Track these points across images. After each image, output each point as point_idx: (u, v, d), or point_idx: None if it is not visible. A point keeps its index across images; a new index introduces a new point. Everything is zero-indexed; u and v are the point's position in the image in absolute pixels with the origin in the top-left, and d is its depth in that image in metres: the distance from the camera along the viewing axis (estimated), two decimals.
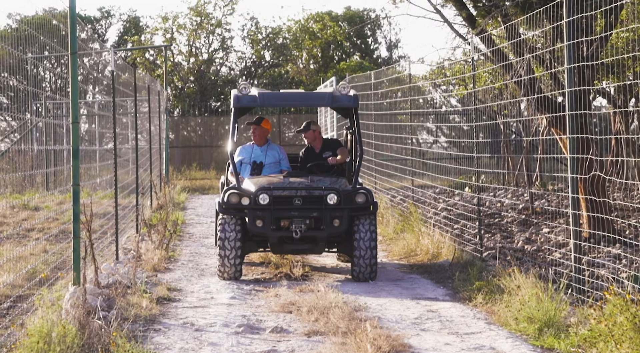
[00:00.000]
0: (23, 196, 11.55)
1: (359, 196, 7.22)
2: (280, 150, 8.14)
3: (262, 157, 8.02)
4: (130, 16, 29.92)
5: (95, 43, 13.52)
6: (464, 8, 8.84)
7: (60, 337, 4.68)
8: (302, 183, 7.27)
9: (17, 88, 7.70)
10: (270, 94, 7.84)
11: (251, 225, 7.15)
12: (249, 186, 7.33)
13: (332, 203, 7.10)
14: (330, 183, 7.31)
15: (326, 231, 7.11)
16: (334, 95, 7.57)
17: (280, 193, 7.15)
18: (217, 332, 5.44)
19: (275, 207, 7.10)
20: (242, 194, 7.19)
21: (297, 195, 7.14)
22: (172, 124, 23.37)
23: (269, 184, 7.24)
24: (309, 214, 7.09)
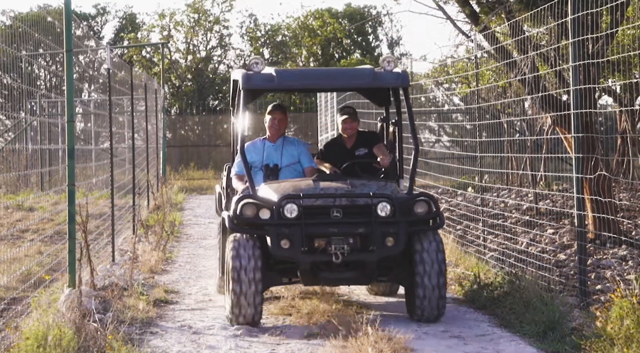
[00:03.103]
0: (17, 196, 11.46)
1: (419, 205, 5.40)
2: (299, 144, 6.23)
3: (277, 157, 6.10)
4: (127, 13, 29.82)
5: (90, 40, 13.44)
6: (467, 5, 8.74)
7: (56, 340, 4.64)
8: (341, 188, 5.40)
9: (11, 86, 7.60)
10: (291, 73, 6.32)
11: (274, 247, 5.23)
12: (269, 194, 5.42)
13: (383, 214, 5.26)
14: (379, 187, 5.48)
15: (377, 253, 5.24)
16: (376, 72, 5.70)
17: (312, 202, 5.29)
18: (215, 335, 5.40)
19: (306, 221, 5.21)
20: (260, 205, 5.28)
21: (335, 205, 5.28)
22: (169, 123, 23.27)
23: (295, 191, 5.38)
24: (353, 231, 5.23)
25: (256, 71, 5.64)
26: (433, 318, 5.42)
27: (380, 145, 6.17)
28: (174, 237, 10.11)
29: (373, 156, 6.09)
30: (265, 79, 5.65)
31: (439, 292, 5.32)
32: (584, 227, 5.80)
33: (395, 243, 5.29)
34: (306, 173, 6.08)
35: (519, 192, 12.06)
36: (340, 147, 6.25)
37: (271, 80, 5.63)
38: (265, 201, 5.35)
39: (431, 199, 5.50)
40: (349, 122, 6.18)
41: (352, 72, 6.03)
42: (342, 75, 6.10)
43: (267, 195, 5.45)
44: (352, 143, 6.22)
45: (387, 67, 5.69)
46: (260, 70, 5.64)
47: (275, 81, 5.63)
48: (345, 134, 6.23)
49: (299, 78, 6.05)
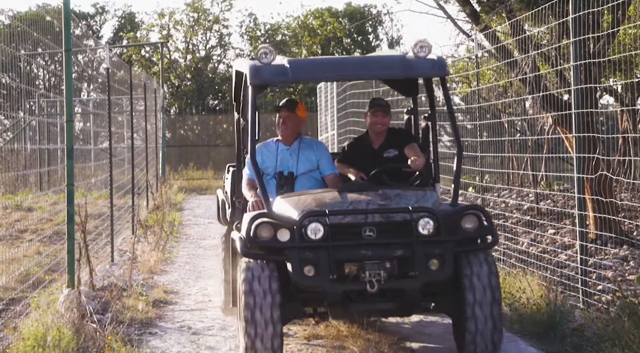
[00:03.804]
0: (16, 196, 11.42)
1: (467, 219, 4.47)
2: (318, 147, 5.31)
3: (293, 163, 5.17)
4: (126, 12, 29.81)
5: (89, 40, 13.41)
6: (468, 4, 8.72)
7: (55, 340, 4.64)
8: (374, 201, 4.50)
9: (10, 86, 7.56)
10: (307, 64, 5.12)
11: (296, 275, 4.33)
12: (288, 210, 4.50)
13: (426, 232, 4.35)
14: (418, 199, 4.56)
15: (419, 279, 4.34)
16: (408, 59, 4.72)
17: (340, 219, 4.38)
18: (215, 336, 5.38)
19: (334, 243, 4.31)
20: (278, 225, 4.37)
21: (368, 222, 4.37)
22: (168, 122, 23.25)
23: (320, 206, 4.47)
24: (390, 253, 4.35)
25: (266, 62, 4.61)
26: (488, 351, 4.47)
27: (413, 145, 5.20)
28: (174, 237, 10.09)
29: (403, 158, 5.13)
30: (277, 71, 4.62)
31: (494, 324, 4.39)
32: (585, 227, 5.77)
33: (441, 267, 4.34)
34: (327, 182, 5.15)
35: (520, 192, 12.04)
36: (366, 147, 5.30)
37: (284, 72, 4.61)
38: (284, 220, 4.39)
39: (482, 212, 4.51)
40: (379, 116, 5.23)
41: (379, 61, 5.02)
42: (368, 64, 4.96)
43: (286, 212, 4.50)
44: (381, 142, 5.29)
45: (420, 53, 4.69)
46: (271, 61, 4.62)
47: (289, 74, 4.61)
48: (374, 130, 5.27)
49: (317, 69, 4.91)
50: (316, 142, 5.43)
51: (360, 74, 5.15)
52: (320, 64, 5.03)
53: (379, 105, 5.32)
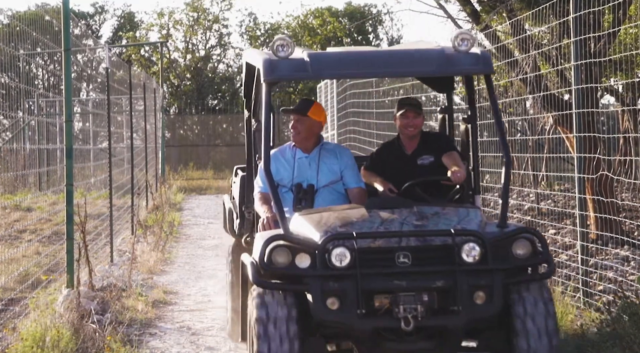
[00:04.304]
0: (15, 196, 11.40)
1: (519, 244, 3.79)
2: (341, 154, 4.55)
3: (312, 173, 4.44)
4: (125, 12, 29.77)
5: (89, 39, 13.39)
6: (468, 3, 8.71)
7: (54, 341, 4.65)
8: (407, 220, 3.87)
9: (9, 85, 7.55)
10: (330, 58, 4.20)
11: (318, 308, 3.67)
12: (308, 231, 3.84)
13: (471, 260, 3.69)
14: (460, 219, 3.90)
15: (463, 315, 3.65)
16: (448, 54, 4.05)
17: (370, 242, 3.73)
18: (215, 336, 5.39)
19: (363, 271, 3.66)
20: (297, 249, 3.73)
21: (402, 246, 3.71)
22: (168, 122, 23.23)
23: (345, 226, 3.83)
24: (429, 284, 3.67)
25: (282, 56, 3.93)
26: None
27: (453, 153, 4.44)
28: (173, 237, 10.07)
29: (440, 165, 4.42)
30: (295, 66, 3.97)
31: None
32: (585, 227, 5.76)
33: (488, 301, 3.66)
34: (353, 196, 4.42)
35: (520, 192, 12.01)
36: (397, 153, 4.57)
37: (303, 68, 3.97)
38: (304, 243, 3.72)
39: (536, 236, 3.82)
40: (410, 117, 4.48)
41: (415, 55, 4.22)
42: (402, 59, 4.18)
43: (305, 233, 3.80)
44: (414, 147, 4.55)
45: (461, 47, 4.01)
46: (288, 54, 3.94)
47: (309, 69, 3.97)
48: (405, 134, 4.53)
49: (342, 65, 4.13)
50: (340, 149, 4.62)
51: (393, 70, 4.36)
52: (345, 58, 4.16)
53: (409, 104, 4.54)
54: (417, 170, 4.47)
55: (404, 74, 5.25)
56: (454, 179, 4.29)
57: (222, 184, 18.32)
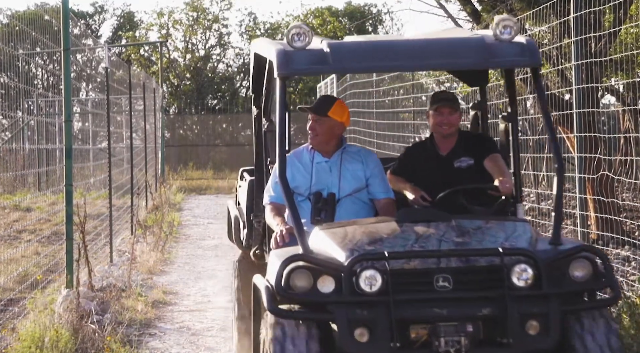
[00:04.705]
0: (14, 196, 11.39)
1: (578, 265, 3.22)
2: (367, 158, 3.96)
3: (334, 180, 3.87)
4: (125, 11, 29.74)
5: (88, 39, 13.39)
6: (469, 3, 8.70)
7: (53, 341, 4.64)
8: (447, 236, 3.29)
9: (8, 85, 7.54)
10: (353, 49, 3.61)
11: (345, 339, 3.15)
12: (330, 248, 3.29)
13: (522, 283, 3.14)
14: (508, 235, 3.33)
15: (514, 347, 3.13)
16: (489, 44, 3.45)
17: (404, 263, 3.17)
18: (214, 337, 5.38)
19: (397, 297, 3.12)
20: (319, 271, 3.18)
21: (441, 268, 3.17)
22: (168, 122, 23.21)
23: (374, 243, 3.28)
24: (474, 313, 3.15)
25: (299, 46, 3.38)
26: None
27: (496, 157, 3.87)
28: (173, 238, 10.06)
29: (480, 168, 3.87)
30: (314, 58, 3.42)
31: None
32: (586, 228, 5.75)
33: (543, 331, 3.12)
34: (380, 208, 3.86)
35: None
36: (430, 155, 3.98)
37: (323, 60, 3.42)
38: (327, 264, 3.16)
39: (597, 255, 3.27)
40: (445, 112, 3.91)
41: (452, 45, 3.59)
42: (438, 50, 3.54)
43: (328, 251, 3.24)
44: (450, 147, 3.97)
45: (503, 35, 3.41)
46: (305, 44, 3.39)
47: (330, 62, 3.41)
48: (439, 133, 3.96)
49: (368, 56, 3.51)
50: (365, 153, 4.01)
51: (427, 63, 3.65)
52: (372, 49, 3.53)
53: (445, 99, 3.96)
54: (454, 174, 3.87)
55: (440, 67, 4.35)
56: (503, 190, 3.67)
57: (221, 185, 18.30)
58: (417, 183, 3.92)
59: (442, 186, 3.80)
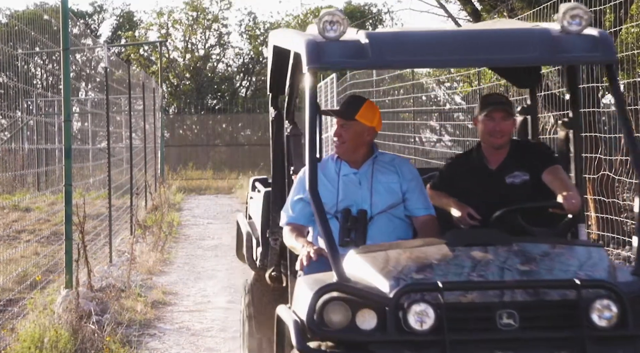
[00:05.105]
0: (13, 196, 11.38)
1: None
2: (403, 170, 3.38)
3: (365, 195, 3.31)
4: (124, 11, 29.72)
5: (87, 39, 13.38)
6: (469, 2, 8.69)
7: (52, 342, 4.63)
8: (509, 264, 2.78)
9: (7, 85, 7.53)
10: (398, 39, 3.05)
11: None
12: (371, 276, 2.76)
13: (604, 323, 2.62)
14: (582, 262, 2.86)
15: None
16: (555, 36, 2.94)
17: (460, 296, 2.65)
18: (214, 337, 5.37)
19: (453, 337, 2.60)
20: (358, 303, 2.65)
21: (505, 302, 2.63)
22: (167, 122, 23.19)
23: (423, 271, 2.78)
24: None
25: (332, 37, 2.88)
26: None
27: (557, 169, 3.31)
28: (172, 238, 10.04)
29: (538, 186, 3.29)
30: (350, 51, 2.89)
31: None
32: (587, 228, 5.73)
33: None
34: (420, 226, 3.29)
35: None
36: (478, 168, 3.41)
37: (361, 53, 2.88)
38: (368, 295, 2.64)
39: None
40: (498, 119, 3.31)
41: (512, 37, 3.05)
42: (496, 43, 3.02)
43: (368, 280, 2.70)
44: (501, 160, 3.39)
45: (571, 26, 2.90)
46: (339, 34, 2.88)
47: (369, 56, 2.88)
48: (490, 143, 3.37)
49: (415, 50, 2.97)
50: (400, 162, 3.40)
51: (483, 58, 3.06)
52: (419, 41, 3.00)
53: (498, 102, 3.37)
54: (506, 192, 3.30)
55: (498, 63, 3.38)
56: (568, 208, 3.09)
57: (221, 185, 18.30)
58: (461, 201, 3.35)
59: (492, 206, 3.22)
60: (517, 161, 3.40)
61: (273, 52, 3.67)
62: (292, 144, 3.56)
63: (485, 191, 3.35)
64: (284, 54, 3.51)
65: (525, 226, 3.16)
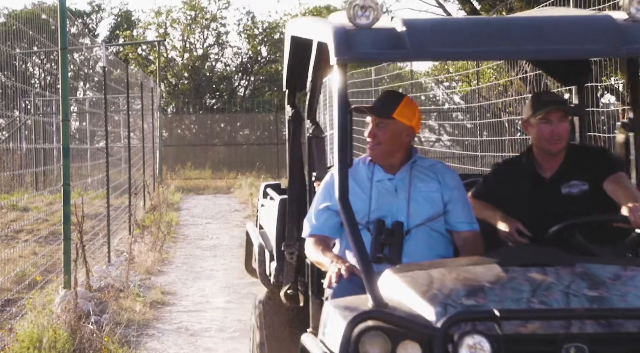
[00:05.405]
0: (11, 196, 11.36)
1: None
2: (445, 177, 2.95)
3: (401, 205, 2.90)
4: (122, 10, 29.70)
5: (85, 38, 13.37)
6: (468, 2, 8.69)
7: (50, 342, 4.62)
8: (574, 288, 2.32)
9: (5, 85, 7.52)
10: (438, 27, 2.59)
11: None
12: (413, 301, 2.30)
13: None
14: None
15: None
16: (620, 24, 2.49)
17: (520, 326, 2.17)
18: (213, 337, 5.36)
19: None
20: (400, 333, 2.18)
21: (572, 334, 2.16)
22: (165, 122, 23.17)
23: (475, 296, 2.29)
24: None
25: (364, 24, 2.48)
26: None
27: (621, 176, 2.93)
28: (171, 238, 10.03)
29: (598, 197, 2.89)
30: (385, 41, 2.49)
31: None
32: None
33: None
34: (463, 243, 2.90)
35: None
36: (529, 176, 3.02)
37: (397, 43, 2.47)
38: (411, 324, 2.24)
39: None
40: (554, 121, 2.92)
41: (568, 27, 2.61)
42: (548, 33, 2.55)
43: (409, 305, 2.31)
44: (556, 167, 2.99)
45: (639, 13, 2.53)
46: (373, 22, 2.48)
47: (408, 46, 2.46)
48: (544, 148, 2.97)
49: (459, 40, 2.53)
50: (442, 168, 2.98)
51: (540, 49, 2.55)
52: (465, 30, 2.57)
53: (554, 101, 2.95)
54: (561, 204, 2.90)
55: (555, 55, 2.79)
56: (635, 221, 2.69)
57: (219, 184, 18.28)
58: (509, 213, 2.93)
59: (545, 220, 2.82)
60: (574, 169, 2.96)
61: (291, 44, 3.27)
62: (315, 147, 3.11)
63: (537, 202, 2.92)
64: (304, 45, 3.09)
65: (584, 244, 2.76)
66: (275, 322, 3.32)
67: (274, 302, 3.40)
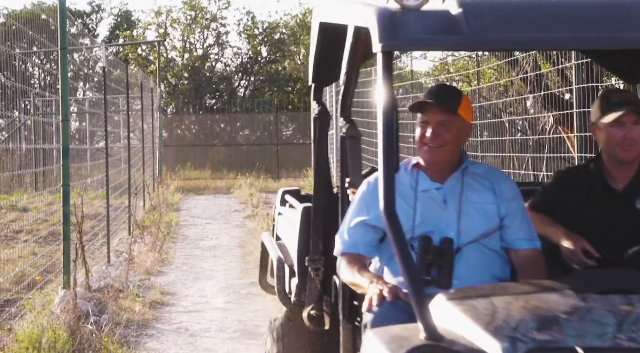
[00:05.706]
0: (11, 196, 11.35)
1: None
2: (500, 185, 2.50)
3: (450, 218, 2.45)
4: (122, 10, 29.70)
5: (85, 38, 13.36)
6: None
7: (50, 342, 4.61)
8: None
9: (5, 85, 7.52)
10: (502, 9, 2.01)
11: None
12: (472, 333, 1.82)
13: None
14: None
15: None
16: None
17: None
18: (212, 338, 5.35)
19: None
20: None
21: None
22: (165, 122, 23.17)
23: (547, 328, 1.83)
24: None
25: (412, 6, 1.99)
26: None
27: None
28: (171, 238, 10.02)
29: None
30: (438, 26, 2.01)
31: None
32: None
33: None
34: (522, 263, 2.50)
35: None
36: (597, 188, 2.65)
37: (452, 28, 1.99)
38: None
39: None
40: (630, 123, 2.56)
41: None
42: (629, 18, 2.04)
43: (467, 337, 1.87)
44: (629, 178, 2.64)
45: None
46: (423, 3, 1.99)
47: (465, 31, 1.97)
48: (617, 156, 2.61)
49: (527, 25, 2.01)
50: (497, 175, 2.59)
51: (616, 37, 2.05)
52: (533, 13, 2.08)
53: (628, 102, 2.58)
54: (636, 219, 2.56)
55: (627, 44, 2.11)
56: None
57: (219, 185, 18.28)
58: (572, 228, 2.58)
59: (616, 238, 2.52)
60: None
61: (319, 31, 2.84)
62: (349, 149, 2.72)
63: (607, 218, 2.58)
64: (336, 32, 2.71)
65: None
66: (294, 346, 2.98)
67: (294, 324, 3.03)
